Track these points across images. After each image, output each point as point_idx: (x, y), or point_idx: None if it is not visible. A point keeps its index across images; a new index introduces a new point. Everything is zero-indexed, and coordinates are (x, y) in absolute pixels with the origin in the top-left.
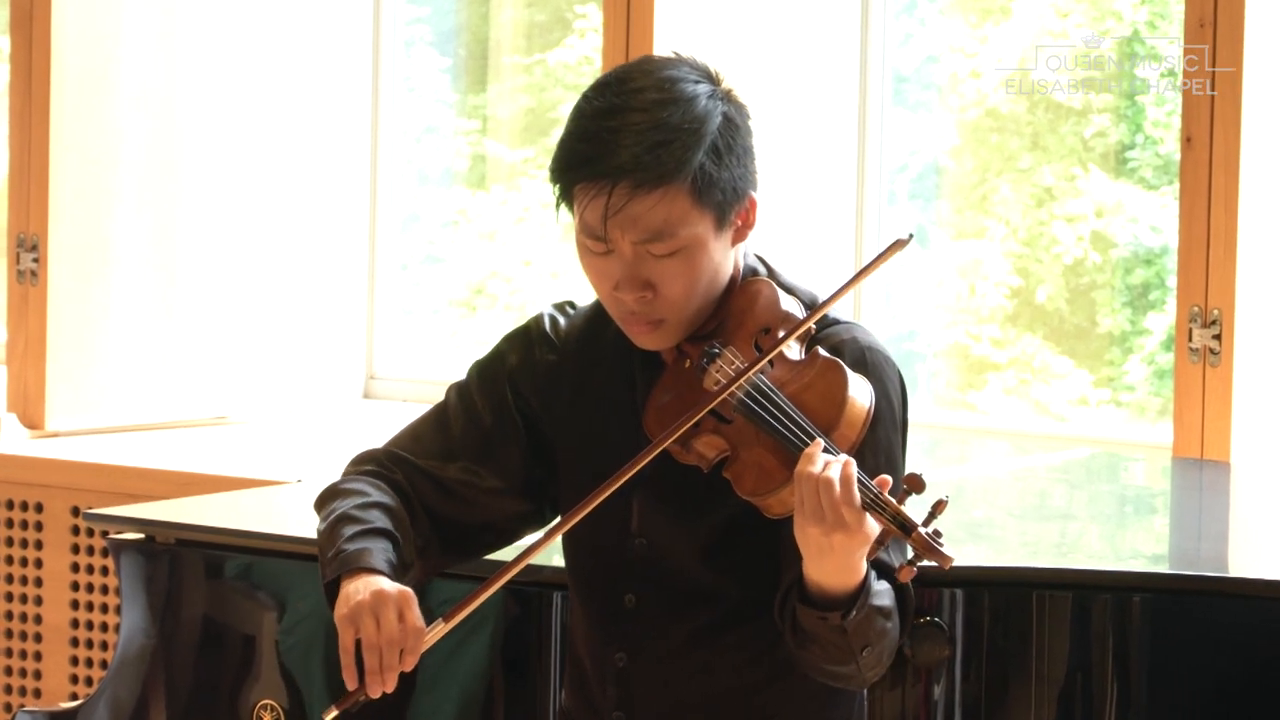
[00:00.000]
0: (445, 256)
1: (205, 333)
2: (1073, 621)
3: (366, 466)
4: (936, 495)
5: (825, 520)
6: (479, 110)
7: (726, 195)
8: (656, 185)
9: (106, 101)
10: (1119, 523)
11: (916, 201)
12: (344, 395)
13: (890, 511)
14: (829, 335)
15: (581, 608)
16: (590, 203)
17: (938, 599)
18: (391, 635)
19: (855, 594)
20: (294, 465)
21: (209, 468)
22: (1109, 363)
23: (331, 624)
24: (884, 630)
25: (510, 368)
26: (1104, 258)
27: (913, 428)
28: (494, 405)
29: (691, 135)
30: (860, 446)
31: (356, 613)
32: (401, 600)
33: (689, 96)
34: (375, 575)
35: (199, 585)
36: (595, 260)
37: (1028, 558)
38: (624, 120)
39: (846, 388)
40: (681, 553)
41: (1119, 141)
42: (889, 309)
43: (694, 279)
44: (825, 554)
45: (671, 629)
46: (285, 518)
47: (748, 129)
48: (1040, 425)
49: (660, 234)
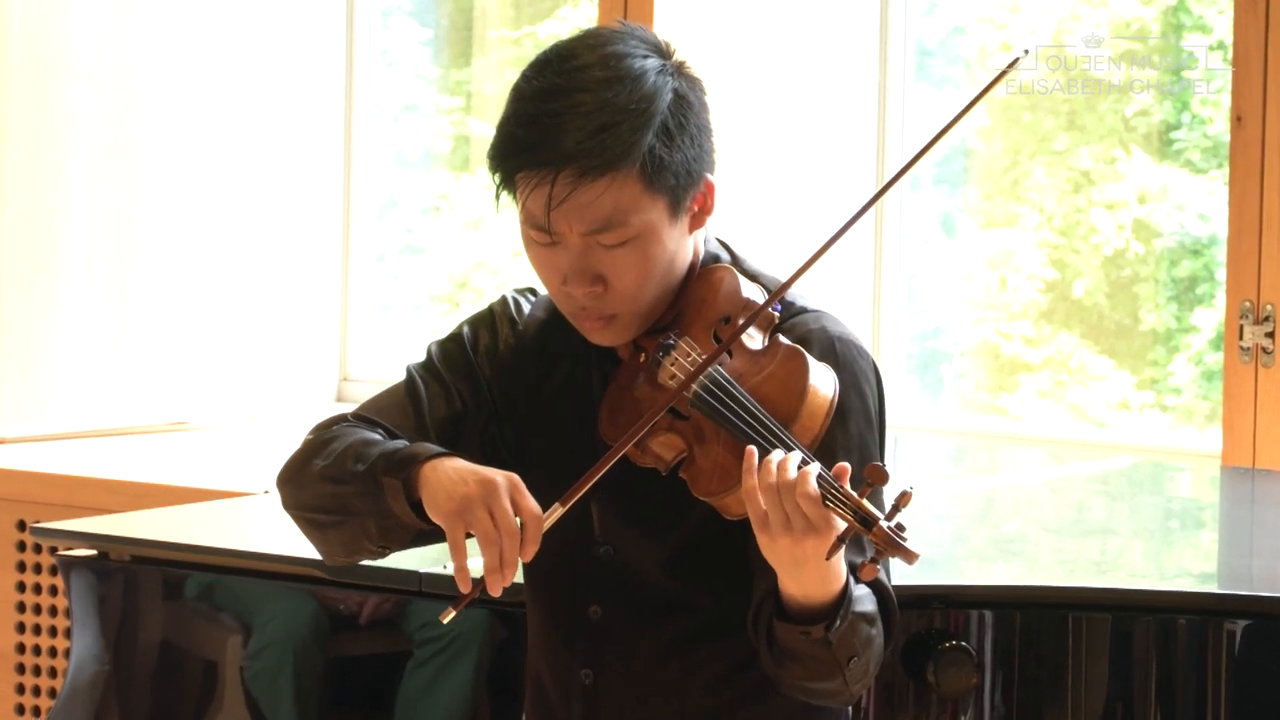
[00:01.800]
0: (425, 246)
1: (163, 330)
2: (1112, 646)
3: (341, 424)
4: (900, 488)
5: (793, 528)
6: (462, 87)
7: (680, 179)
8: (603, 172)
9: (54, 79)
10: (1163, 538)
11: (942, 187)
12: (315, 398)
13: (851, 505)
14: (795, 325)
15: (541, 621)
16: (532, 192)
17: (965, 621)
18: (510, 526)
19: (837, 602)
20: (260, 475)
21: (167, 478)
22: (1152, 363)
23: (300, 651)
24: (870, 638)
25: (484, 349)
26: (1147, 248)
27: (938, 434)
28: (469, 386)
29: (640, 116)
30: (831, 443)
31: (465, 505)
32: (512, 486)
33: (636, 73)
34: (457, 458)
35: (156, 606)
36: (541, 252)
37: (1063, 576)
38: (566, 102)
39: (807, 375)
40: (648, 560)
41: (1163, 121)
42: (911, 304)
43: (647, 270)
44: (801, 564)
45: (640, 643)
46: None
47: (702, 105)
48: (1077, 431)
49: (609, 223)
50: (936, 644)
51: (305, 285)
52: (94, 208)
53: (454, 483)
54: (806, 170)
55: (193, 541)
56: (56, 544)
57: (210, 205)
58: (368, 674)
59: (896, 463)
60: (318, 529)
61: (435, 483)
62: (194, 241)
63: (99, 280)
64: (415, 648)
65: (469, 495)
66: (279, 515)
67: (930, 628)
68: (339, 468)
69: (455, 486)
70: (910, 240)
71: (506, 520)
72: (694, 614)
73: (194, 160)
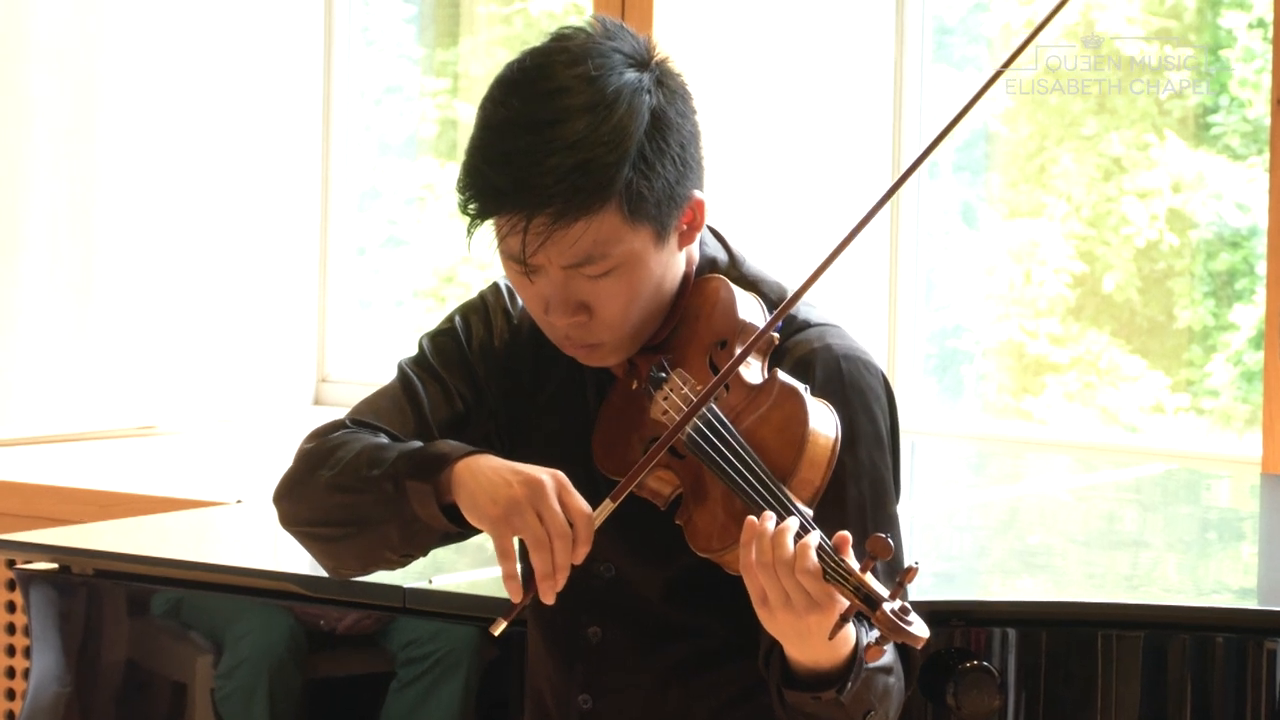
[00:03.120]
0: (410, 239)
1: (129, 328)
2: (1145, 666)
3: (340, 431)
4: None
5: (794, 605)
6: (449, 68)
7: (663, 205)
8: (579, 215)
9: (15, 63)
10: (1200, 551)
11: (962, 174)
12: (291, 401)
13: (853, 582)
14: (797, 343)
15: (539, 640)
16: (509, 234)
17: (987, 640)
18: (561, 528)
19: (847, 665)
20: (233, 483)
21: (134, 486)
22: (1188, 363)
23: (275, 671)
24: (887, 689)
25: (478, 343)
26: (1182, 240)
27: (958, 439)
28: (468, 384)
29: (614, 150)
30: (841, 472)
31: (512, 508)
32: (559, 485)
33: (610, 98)
34: (491, 456)
35: (121, 624)
36: (521, 281)
37: (1093, 591)
38: (536, 139)
39: (806, 422)
40: (650, 584)
41: (1200, 104)
42: (929, 301)
43: (633, 297)
44: (805, 637)
45: (641, 668)
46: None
47: (684, 114)
48: (1107, 436)
49: (590, 257)
50: (957, 664)
51: (281, 280)
52: (55, 196)
53: (497, 484)
54: (815, 159)
55: (161, 554)
56: (14, 557)
57: (179, 194)
58: (348, 695)
59: (913, 473)
60: (328, 543)
61: (474, 485)
62: (162, 233)
63: (60, 274)
64: (399, 667)
65: (514, 497)
66: (252, 526)
67: (950, 647)
68: (351, 475)
69: (499, 489)
70: (928, 232)
71: (557, 522)
72: (697, 640)
73: (162, 146)
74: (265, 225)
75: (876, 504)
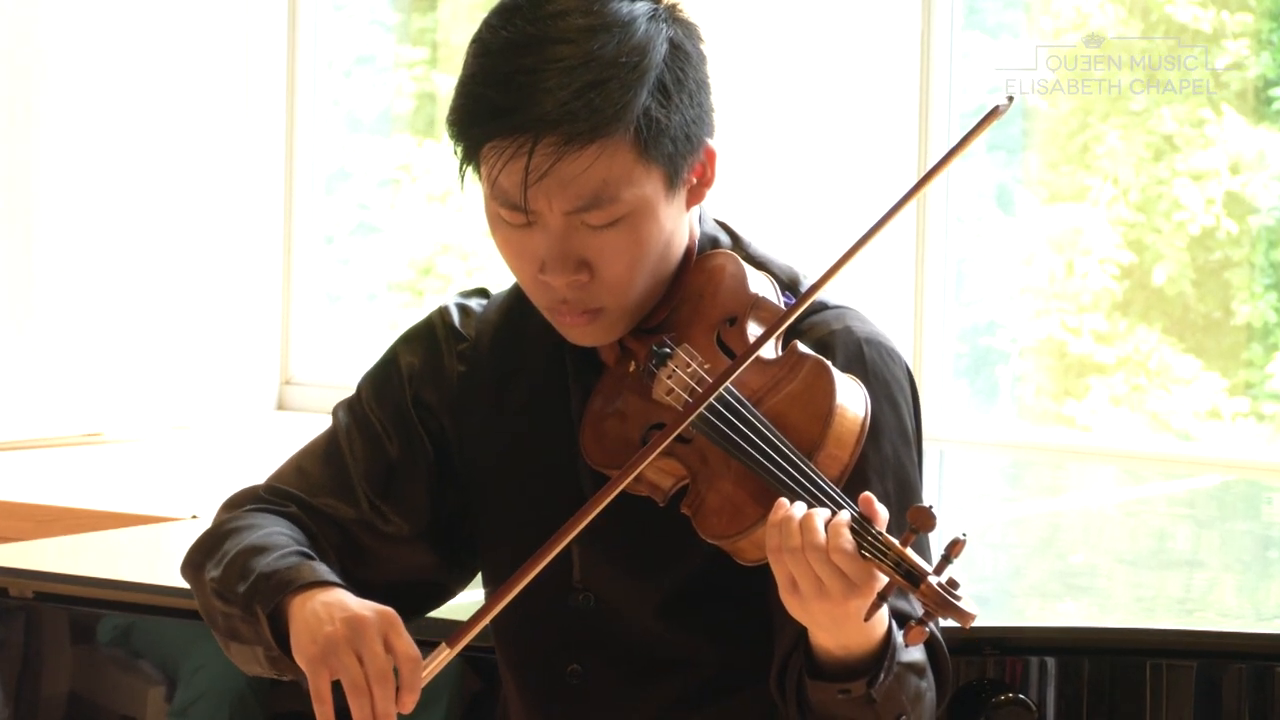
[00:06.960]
0: (383, 225)
1: (73, 329)
2: (1198, 699)
3: (247, 506)
4: (950, 534)
5: (829, 594)
6: (426, 35)
7: (678, 145)
8: (591, 138)
9: None
10: (1260, 571)
11: (997, 154)
12: (253, 406)
13: (893, 556)
14: (814, 325)
15: (511, 679)
16: (506, 165)
17: (1024, 670)
18: (381, 671)
19: (880, 652)
20: (188, 497)
21: (78, 499)
22: (1246, 364)
23: (235, 705)
24: (920, 692)
25: (412, 374)
26: (1240, 227)
27: (992, 448)
28: (397, 425)
29: (631, 71)
30: (863, 467)
31: (329, 649)
32: (385, 623)
33: (624, 19)
34: (333, 589)
35: (64, 651)
36: (512, 235)
37: (1141, 617)
38: (543, 56)
39: (834, 395)
40: (639, 607)
41: (1260, 75)
42: (960, 294)
43: (640, 254)
44: (840, 623)
45: (628, 708)
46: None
47: (700, 56)
48: (1158, 444)
49: (598, 199)
50: (990, 696)
51: (240, 272)
52: None
53: (319, 620)
54: (838, 134)
55: (108, 575)
56: None
57: (126, 178)
58: None
59: (942, 485)
60: (220, 639)
61: (299, 620)
62: (108, 222)
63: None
64: None
65: (333, 636)
66: None
67: (983, 677)
68: (225, 583)
69: (319, 626)
70: (959, 218)
71: (377, 664)
72: (694, 670)
73: (105, 128)
74: (223, 212)
75: (903, 505)
